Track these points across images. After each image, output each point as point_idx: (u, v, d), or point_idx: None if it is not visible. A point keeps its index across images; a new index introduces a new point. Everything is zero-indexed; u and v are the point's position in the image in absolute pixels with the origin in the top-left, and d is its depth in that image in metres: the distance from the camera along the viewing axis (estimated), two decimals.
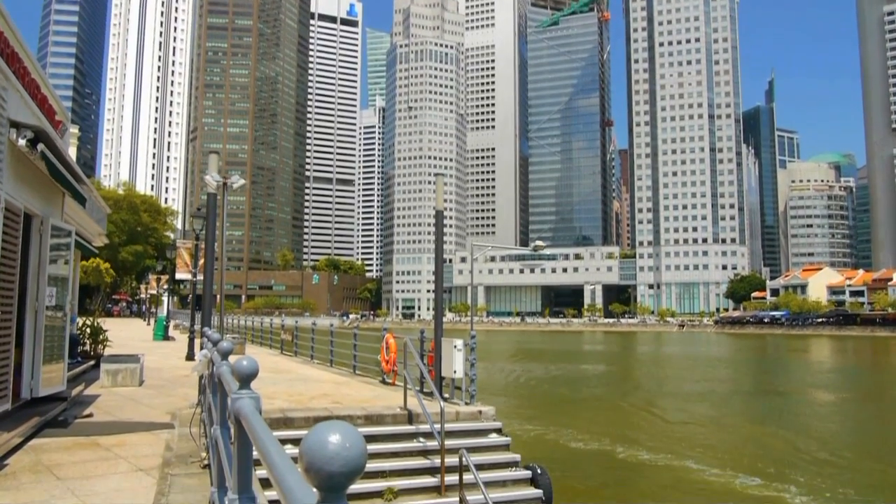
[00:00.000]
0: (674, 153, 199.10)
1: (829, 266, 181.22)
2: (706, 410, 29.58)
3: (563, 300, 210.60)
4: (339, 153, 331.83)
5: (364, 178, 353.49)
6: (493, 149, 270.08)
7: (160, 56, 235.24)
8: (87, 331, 17.72)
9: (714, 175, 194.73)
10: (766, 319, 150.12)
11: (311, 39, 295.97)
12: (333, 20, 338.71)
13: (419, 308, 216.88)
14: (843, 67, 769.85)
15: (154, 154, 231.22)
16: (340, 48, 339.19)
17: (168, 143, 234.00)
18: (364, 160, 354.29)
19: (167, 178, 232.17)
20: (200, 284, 19.48)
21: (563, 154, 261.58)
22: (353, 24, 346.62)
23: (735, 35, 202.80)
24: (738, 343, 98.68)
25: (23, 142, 7.70)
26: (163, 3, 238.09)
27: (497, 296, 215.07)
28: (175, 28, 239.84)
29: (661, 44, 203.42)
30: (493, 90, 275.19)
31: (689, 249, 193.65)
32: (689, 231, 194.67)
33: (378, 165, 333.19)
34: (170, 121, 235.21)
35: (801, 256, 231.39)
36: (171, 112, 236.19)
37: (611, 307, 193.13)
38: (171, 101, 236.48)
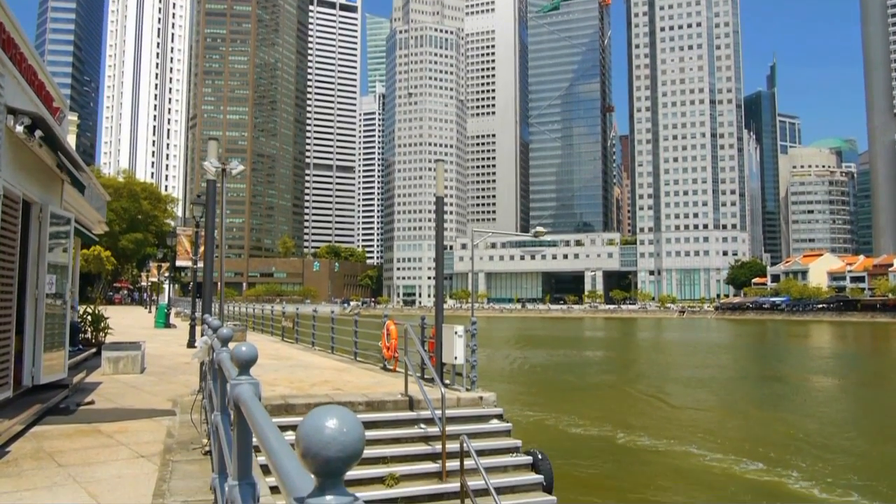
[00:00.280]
0: (675, 139, 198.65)
1: (830, 252, 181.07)
2: (707, 396, 29.69)
3: (564, 286, 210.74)
4: (339, 140, 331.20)
5: (364, 165, 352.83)
6: (494, 135, 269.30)
7: (159, 43, 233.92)
8: (89, 318, 17.75)
9: (715, 161, 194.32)
10: (767, 305, 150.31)
11: (311, 25, 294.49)
12: (332, 6, 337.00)
13: (420, 295, 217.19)
14: (845, 53, 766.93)
15: (154, 142, 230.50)
16: (340, 34, 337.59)
17: (167, 131, 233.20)
18: (364, 147, 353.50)
19: (167, 166, 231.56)
20: (201, 272, 19.45)
21: (564, 140, 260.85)
22: (353, 10, 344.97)
23: (736, 20, 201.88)
24: (739, 329, 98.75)
25: (20, 128, 7.66)
26: None
27: (498, 282, 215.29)
28: (173, 14, 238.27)
29: (662, 28, 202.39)
30: (494, 76, 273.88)
31: (690, 235, 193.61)
32: (690, 217, 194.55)
33: (378, 152, 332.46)
34: (169, 108, 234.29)
35: (802, 242, 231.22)
36: (171, 99, 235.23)
37: (611, 293, 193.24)
38: (171, 89, 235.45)
